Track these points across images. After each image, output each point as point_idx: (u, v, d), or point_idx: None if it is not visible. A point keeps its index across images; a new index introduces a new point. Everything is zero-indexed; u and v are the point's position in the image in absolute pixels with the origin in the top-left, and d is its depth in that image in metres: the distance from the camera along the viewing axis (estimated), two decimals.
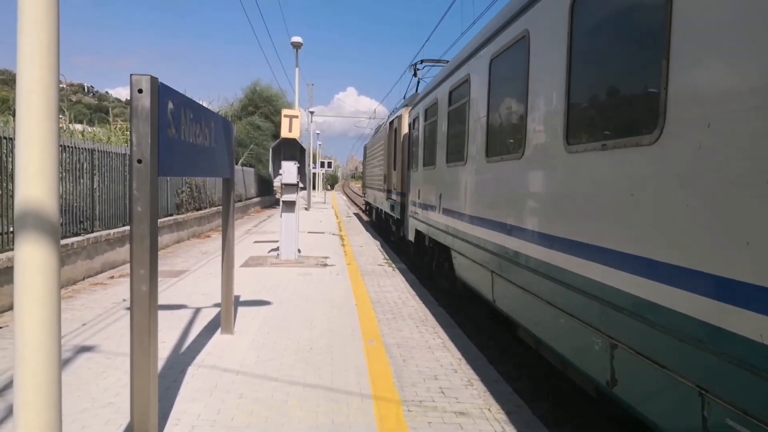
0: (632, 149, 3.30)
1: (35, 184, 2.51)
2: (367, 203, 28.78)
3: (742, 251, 2.43)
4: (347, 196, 67.67)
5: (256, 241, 15.68)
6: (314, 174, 48.12)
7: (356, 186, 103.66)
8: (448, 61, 10.75)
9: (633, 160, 3.32)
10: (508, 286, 5.56)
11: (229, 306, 6.37)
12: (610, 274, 3.49)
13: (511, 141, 5.66)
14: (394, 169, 16.02)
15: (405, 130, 14.22)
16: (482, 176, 6.65)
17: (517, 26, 5.59)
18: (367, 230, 20.96)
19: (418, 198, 11.15)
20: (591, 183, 3.85)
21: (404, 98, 17.66)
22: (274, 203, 35.69)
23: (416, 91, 15.64)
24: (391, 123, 17.26)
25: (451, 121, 8.46)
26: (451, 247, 8.26)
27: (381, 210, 20.27)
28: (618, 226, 3.46)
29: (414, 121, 12.41)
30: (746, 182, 2.44)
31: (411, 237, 12.30)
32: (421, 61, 16.48)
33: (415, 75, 17.04)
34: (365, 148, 30.46)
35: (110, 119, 19.02)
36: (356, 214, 31.29)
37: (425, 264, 11.53)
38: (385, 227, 18.60)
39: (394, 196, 15.84)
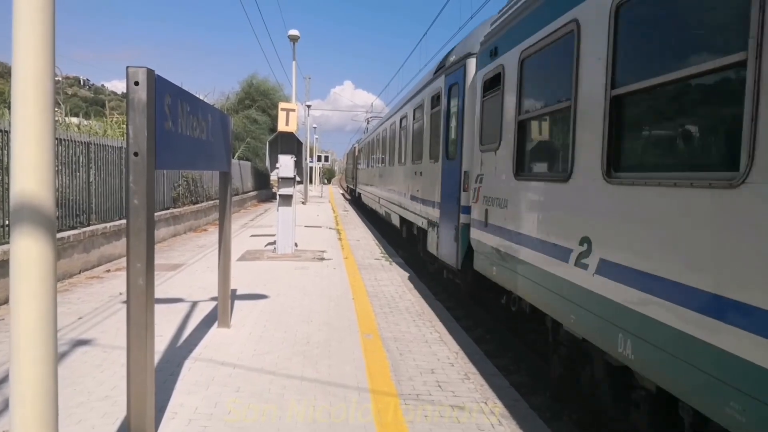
0: None
1: (30, 177, 2.49)
2: (348, 187, 48.82)
3: None
4: (344, 190, 67.78)
5: (252, 235, 15.66)
6: (311, 168, 48.06)
7: None
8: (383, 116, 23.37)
9: None
10: (370, 199, 22.83)
11: (226, 299, 6.36)
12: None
13: (392, 153, 15.53)
14: (355, 168, 33.91)
15: (356, 153, 33.51)
16: (369, 169, 23.66)
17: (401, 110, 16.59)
18: (363, 224, 20.96)
19: (359, 180, 30.05)
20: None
21: (365, 132, 35.25)
22: (271, 197, 35.64)
23: (365, 132, 33.53)
24: (353, 148, 37.65)
25: (370, 150, 23.00)
26: (361, 193, 28.26)
27: (351, 188, 40.49)
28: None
29: (359, 149, 30.89)
30: None
31: (356, 196, 31.27)
32: (370, 117, 38.36)
33: (367, 123, 36.73)
34: (346, 156, 54.81)
35: (106, 112, 18.92)
36: (342, 194, 51.56)
37: (358, 201, 30.88)
38: (362, 205, 30.64)
39: (354, 181, 35.40)
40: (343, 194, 51.34)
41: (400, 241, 15.08)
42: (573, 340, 4.60)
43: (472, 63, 7.71)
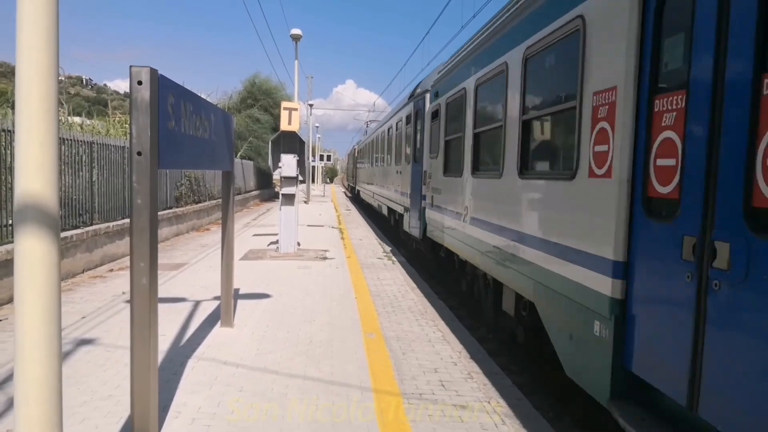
0: None
1: (35, 176, 2.49)
2: (348, 185, 53.71)
3: None
4: (346, 188, 68.69)
5: (255, 234, 15.67)
6: (313, 167, 48.09)
7: None
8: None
9: None
10: (366, 195, 26.15)
11: (229, 299, 6.37)
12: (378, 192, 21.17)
13: (382, 156, 19.69)
14: (355, 168, 38.55)
15: (356, 154, 38.00)
16: (366, 169, 27.96)
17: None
18: (366, 223, 20.95)
19: (358, 178, 34.56)
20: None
21: (365, 133, 39.70)
22: (274, 196, 35.66)
23: (365, 134, 37.32)
24: (354, 149, 43.61)
25: (367, 152, 27.58)
26: (360, 190, 31.84)
27: (351, 186, 45.19)
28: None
29: (359, 149, 34.94)
30: None
31: (356, 193, 35.79)
32: (369, 120, 45.32)
33: (366, 126, 44.31)
34: (348, 156, 61.00)
35: (109, 112, 18.96)
36: (344, 192, 54.63)
37: (357, 198, 35.24)
38: (362, 201, 32.45)
39: (354, 179, 39.66)
40: (345, 192, 54.60)
41: (400, 238, 15.11)
42: (470, 269, 8.06)
43: (427, 97, 10.97)
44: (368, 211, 27.30)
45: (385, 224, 19.80)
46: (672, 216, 3.06)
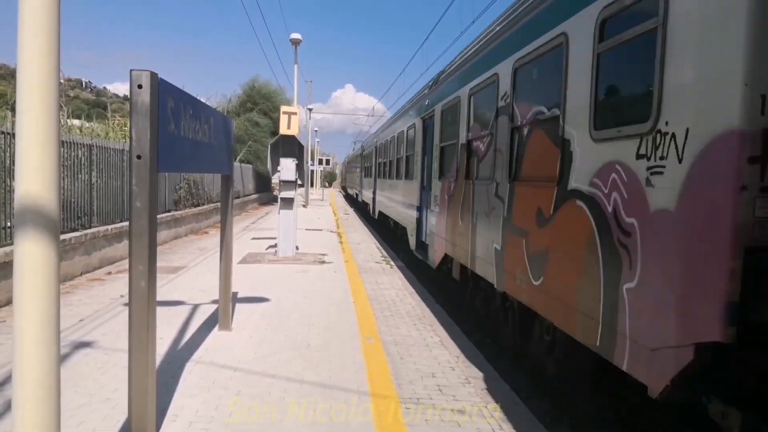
0: None
1: (35, 179, 2.50)
2: (342, 186, 65.43)
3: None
4: (341, 188, 71.86)
5: (253, 238, 15.67)
6: (312, 171, 48.19)
7: None
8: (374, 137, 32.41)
9: None
10: (351, 190, 46.26)
11: (227, 302, 6.37)
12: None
13: (356, 167, 40.12)
14: (346, 173, 57.17)
15: (349, 162, 51.62)
16: (350, 174, 47.16)
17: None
18: (364, 227, 20.98)
19: (346, 181, 54.82)
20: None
21: (353, 150, 53.21)
22: (272, 200, 35.68)
23: (353, 149, 51.86)
24: (345, 159, 63.63)
25: (351, 164, 47.22)
26: (348, 188, 50.56)
27: (344, 187, 58.67)
28: None
29: (351, 159, 47.36)
30: None
31: (347, 192, 52.76)
32: (356, 140, 61.93)
33: (354, 144, 62.22)
34: (342, 165, 73.97)
35: (108, 115, 18.96)
36: (340, 192, 62.98)
37: (348, 195, 51.77)
38: (361, 205, 38.08)
39: (345, 182, 58.48)
40: (340, 191, 65.85)
41: (396, 240, 15.16)
42: (369, 203, 25.03)
43: (360, 147, 34.68)
44: (363, 211, 31.33)
45: (384, 230, 19.86)
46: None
